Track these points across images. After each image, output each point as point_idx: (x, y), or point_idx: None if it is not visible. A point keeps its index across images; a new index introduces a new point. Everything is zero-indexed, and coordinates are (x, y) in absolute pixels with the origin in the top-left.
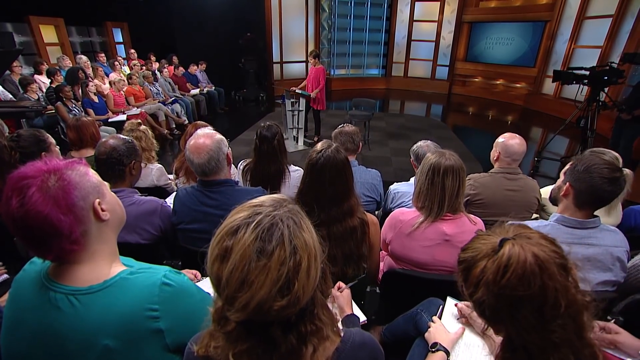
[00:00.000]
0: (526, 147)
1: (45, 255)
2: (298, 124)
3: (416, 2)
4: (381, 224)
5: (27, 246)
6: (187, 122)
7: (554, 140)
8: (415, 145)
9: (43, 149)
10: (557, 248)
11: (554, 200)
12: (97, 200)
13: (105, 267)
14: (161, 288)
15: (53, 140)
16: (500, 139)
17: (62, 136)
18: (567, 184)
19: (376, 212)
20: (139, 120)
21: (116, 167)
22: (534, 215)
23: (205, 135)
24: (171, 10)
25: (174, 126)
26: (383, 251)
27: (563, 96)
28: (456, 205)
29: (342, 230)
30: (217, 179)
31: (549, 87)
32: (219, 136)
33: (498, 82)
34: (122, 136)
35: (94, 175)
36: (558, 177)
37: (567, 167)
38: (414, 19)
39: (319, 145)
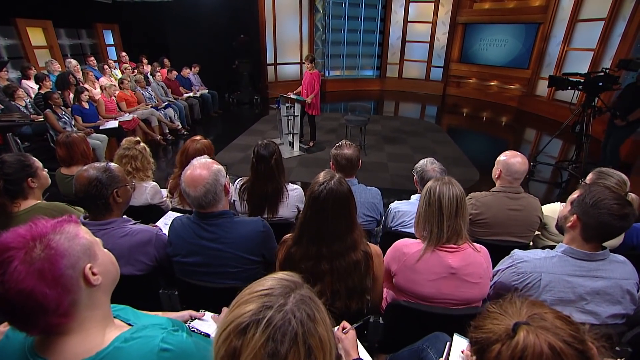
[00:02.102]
0: (528, 166)
1: (30, 331)
2: (293, 129)
3: (410, 3)
4: (382, 241)
5: (9, 322)
6: (180, 126)
7: (545, 143)
8: (419, 165)
9: (29, 174)
10: (574, 331)
11: (560, 229)
12: (88, 265)
13: (98, 335)
14: (159, 355)
15: (40, 164)
16: (501, 157)
17: (51, 144)
18: (575, 216)
19: (376, 229)
20: (138, 138)
21: (98, 201)
22: (536, 232)
23: (201, 166)
24: (163, 11)
25: (167, 131)
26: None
27: (557, 98)
28: (457, 230)
29: (346, 264)
30: (215, 211)
31: (543, 88)
32: (216, 167)
33: (492, 83)
34: (98, 164)
35: (84, 235)
36: (552, 181)
37: (574, 195)
38: (408, 20)
39: (321, 177)
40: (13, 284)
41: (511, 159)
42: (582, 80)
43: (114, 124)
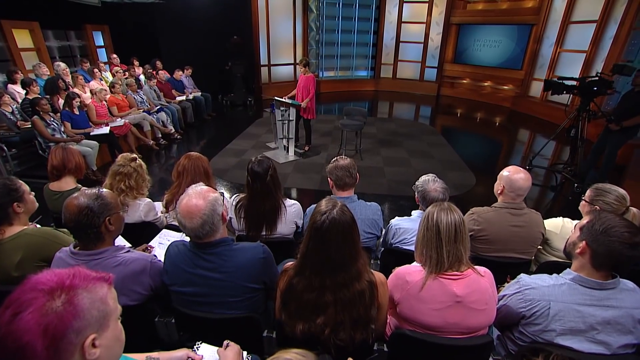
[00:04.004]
0: (531, 182)
1: None
2: (288, 133)
3: (404, 4)
4: (382, 257)
5: None
6: (173, 131)
7: (540, 145)
8: (420, 183)
9: (15, 199)
10: None
11: (568, 254)
12: (93, 336)
13: None
14: None
15: (26, 188)
16: (504, 172)
17: (39, 151)
18: (584, 242)
19: (376, 242)
20: (134, 155)
21: (89, 231)
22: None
23: (197, 195)
24: (154, 12)
25: (160, 136)
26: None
27: (550, 99)
28: (459, 256)
29: (350, 295)
30: (212, 240)
31: (536, 89)
32: (212, 196)
33: (486, 84)
34: (89, 191)
35: (109, 301)
36: (548, 185)
37: (583, 222)
38: (402, 20)
39: (323, 205)
40: (16, 330)
41: (514, 175)
42: (577, 85)
43: (105, 129)
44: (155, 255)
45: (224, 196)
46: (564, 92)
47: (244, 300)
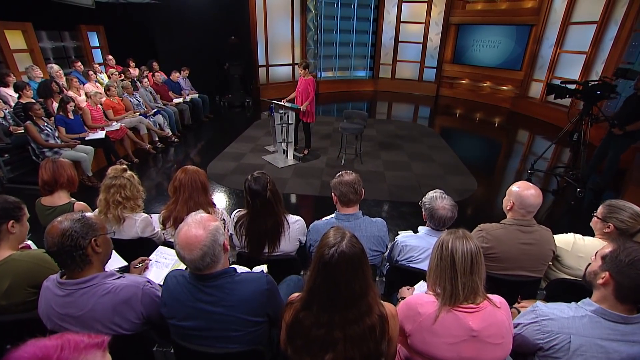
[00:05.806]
0: (542, 198)
1: None
2: (287, 137)
3: (403, 3)
4: (387, 274)
5: None
6: (170, 133)
7: (540, 147)
8: (427, 199)
9: (14, 217)
10: None
11: (588, 283)
12: None
13: None
14: None
15: (27, 214)
16: (514, 188)
17: (33, 157)
18: (607, 273)
19: (381, 256)
20: (124, 166)
21: (75, 254)
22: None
23: (197, 224)
24: (151, 12)
25: (157, 139)
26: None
27: (549, 100)
28: (475, 288)
29: (360, 331)
30: (213, 272)
31: (536, 90)
32: (213, 225)
33: (485, 84)
34: (71, 215)
35: None
36: (550, 189)
37: (606, 251)
38: (401, 20)
39: (331, 237)
40: None
41: (525, 192)
42: (581, 89)
43: (100, 134)
44: (149, 281)
45: (225, 223)
46: (567, 96)
47: (247, 335)
